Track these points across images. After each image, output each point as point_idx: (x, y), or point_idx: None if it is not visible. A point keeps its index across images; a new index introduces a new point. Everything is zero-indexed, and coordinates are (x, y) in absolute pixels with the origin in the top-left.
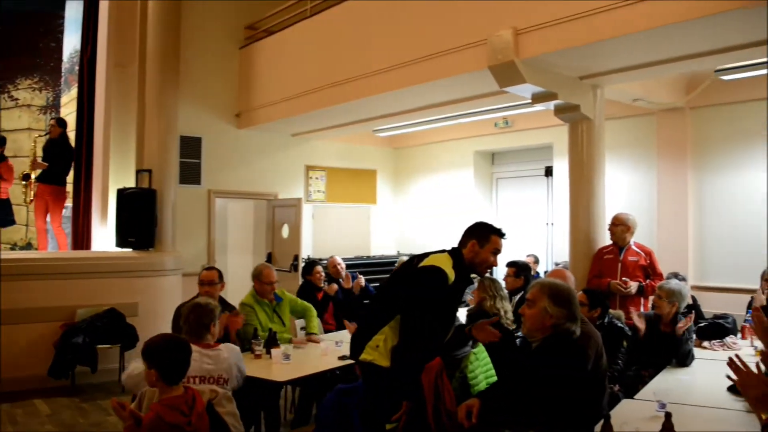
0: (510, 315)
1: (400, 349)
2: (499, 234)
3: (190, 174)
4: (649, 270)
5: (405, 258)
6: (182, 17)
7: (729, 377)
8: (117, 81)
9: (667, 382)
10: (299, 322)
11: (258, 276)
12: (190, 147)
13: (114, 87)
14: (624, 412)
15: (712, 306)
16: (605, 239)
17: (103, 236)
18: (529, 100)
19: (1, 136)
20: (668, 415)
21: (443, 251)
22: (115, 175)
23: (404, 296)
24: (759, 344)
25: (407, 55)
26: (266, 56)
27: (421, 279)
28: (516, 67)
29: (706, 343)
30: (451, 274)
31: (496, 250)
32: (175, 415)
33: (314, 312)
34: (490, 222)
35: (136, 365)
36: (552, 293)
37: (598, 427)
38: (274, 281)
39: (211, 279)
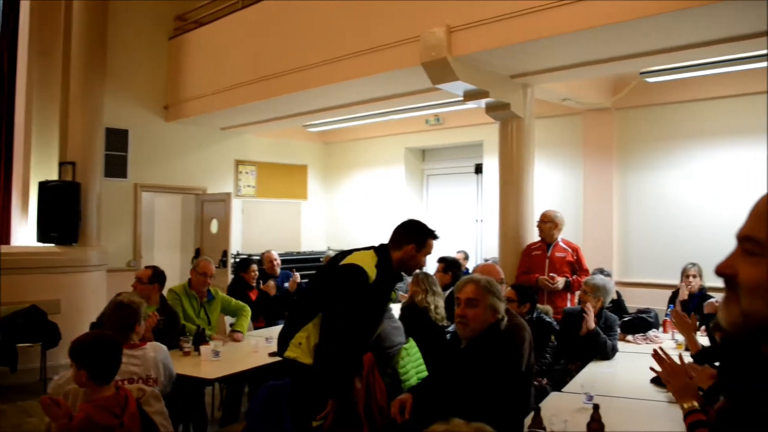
0: (441, 311)
1: (321, 348)
2: (435, 237)
3: (116, 167)
4: (576, 266)
5: (332, 253)
6: (109, 5)
7: (653, 369)
8: (39, 70)
9: (593, 375)
10: (230, 320)
11: (195, 267)
12: (117, 139)
13: (36, 76)
14: (553, 404)
15: (635, 301)
16: (533, 236)
17: (24, 231)
18: (461, 98)
19: None
20: (596, 407)
21: (370, 248)
22: (36, 167)
23: (324, 294)
24: (680, 337)
25: (340, 50)
26: (196, 48)
27: (340, 278)
28: (449, 65)
29: (629, 337)
30: (372, 273)
31: (428, 253)
32: (106, 416)
33: (248, 312)
34: (422, 221)
35: (62, 375)
36: (494, 290)
37: (528, 420)
38: (209, 274)
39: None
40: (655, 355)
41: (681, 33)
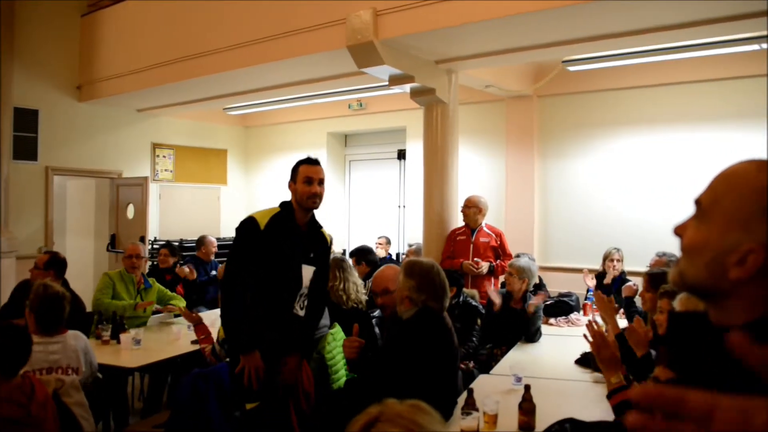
0: (361, 296)
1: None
2: (306, 162)
3: (26, 149)
4: (500, 251)
5: None
6: None
7: (585, 337)
8: None
9: (519, 358)
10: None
11: (125, 251)
12: (26, 120)
13: None
14: (482, 386)
15: (555, 285)
16: (458, 221)
17: None
18: (385, 83)
19: None
20: (527, 387)
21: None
22: None
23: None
24: (600, 320)
25: (262, 31)
26: (111, 25)
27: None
28: (375, 48)
29: (552, 320)
30: (263, 220)
31: (308, 178)
32: (12, 409)
33: (183, 302)
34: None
35: None
36: (407, 266)
37: (461, 401)
38: (135, 254)
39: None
40: (589, 326)
41: (602, 22)
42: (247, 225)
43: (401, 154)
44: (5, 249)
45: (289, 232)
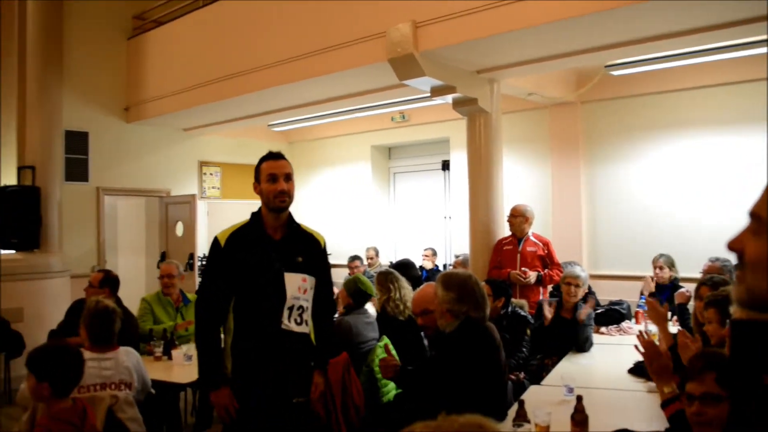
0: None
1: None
2: (267, 157)
3: (77, 170)
4: (547, 260)
5: None
6: (65, 5)
7: (636, 348)
8: None
9: (570, 368)
10: None
11: (159, 271)
12: (77, 142)
13: None
14: (533, 398)
15: (605, 293)
16: (504, 231)
17: None
18: (426, 95)
19: None
20: (579, 398)
21: None
22: None
23: None
24: (653, 328)
25: (304, 47)
26: (156, 48)
27: None
28: (415, 60)
29: (603, 329)
30: (224, 237)
31: (271, 175)
32: (63, 428)
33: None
34: None
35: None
36: (443, 279)
37: (511, 413)
38: (167, 274)
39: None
40: (639, 337)
41: (645, 25)
42: (211, 246)
43: (445, 165)
44: (59, 268)
45: (255, 243)
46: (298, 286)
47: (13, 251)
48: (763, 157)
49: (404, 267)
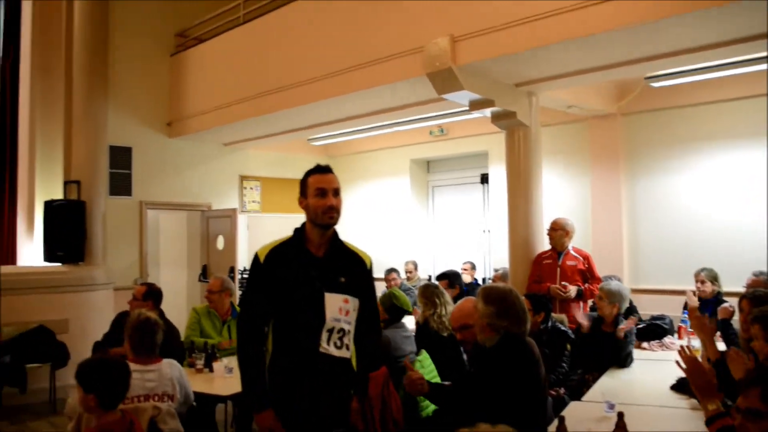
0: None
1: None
2: (315, 171)
3: (121, 185)
4: (587, 274)
5: None
6: (110, 22)
7: (678, 364)
8: (42, 89)
9: (611, 384)
10: None
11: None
12: (120, 157)
13: (38, 94)
14: (574, 414)
15: (646, 308)
16: (543, 244)
17: (30, 250)
18: (465, 108)
19: None
20: (621, 415)
21: None
22: (41, 186)
23: None
24: (696, 344)
25: (343, 62)
26: (197, 64)
27: None
28: (453, 74)
29: (645, 344)
30: (263, 253)
31: (320, 190)
32: None
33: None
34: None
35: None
36: (484, 293)
37: (551, 429)
38: (208, 289)
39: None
40: (681, 352)
41: (685, 36)
42: (252, 262)
43: (484, 179)
44: (103, 281)
45: (295, 260)
46: (339, 307)
47: (60, 264)
48: None
49: (456, 276)
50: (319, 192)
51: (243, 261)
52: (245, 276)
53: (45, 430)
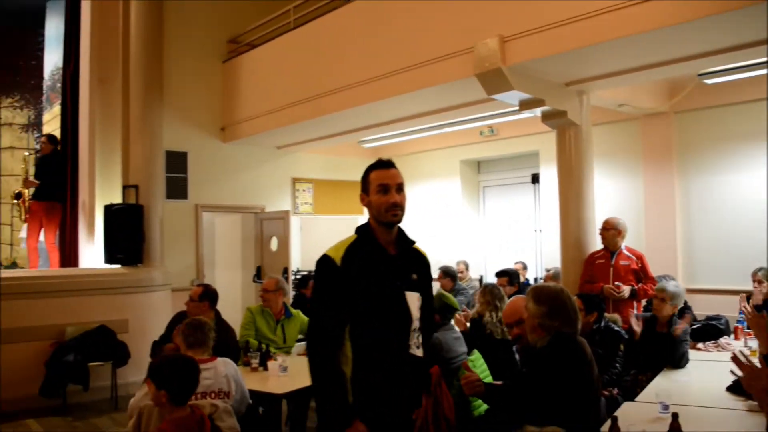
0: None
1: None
2: (377, 166)
3: (177, 188)
4: (641, 274)
5: None
6: (165, 32)
7: (733, 372)
8: (100, 97)
9: (665, 385)
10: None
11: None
12: (176, 161)
13: (98, 103)
14: (627, 414)
15: (701, 308)
16: (596, 244)
17: (91, 253)
18: (514, 108)
19: None
20: (675, 416)
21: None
22: (101, 191)
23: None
24: (753, 344)
25: (392, 64)
26: (249, 69)
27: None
28: (503, 74)
29: (700, 345)
30: (338, 254)
31: (382, 186)
32: None
33: None
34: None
35: (142, 390)
36: (534, 293)
37: (604, 429)
38: (262, 289)
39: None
40: (735, 359)
41: (739, 32)
42: (322, 266)
43: (535, 178)
44: (161, 282)
45: (374, 259)
46: (417, 305)
47: (119, 266)
48: None
49: (514, 275)
50: (381, 188)
51: (296, 262)
52: (298, 277)
53: (107, 426)
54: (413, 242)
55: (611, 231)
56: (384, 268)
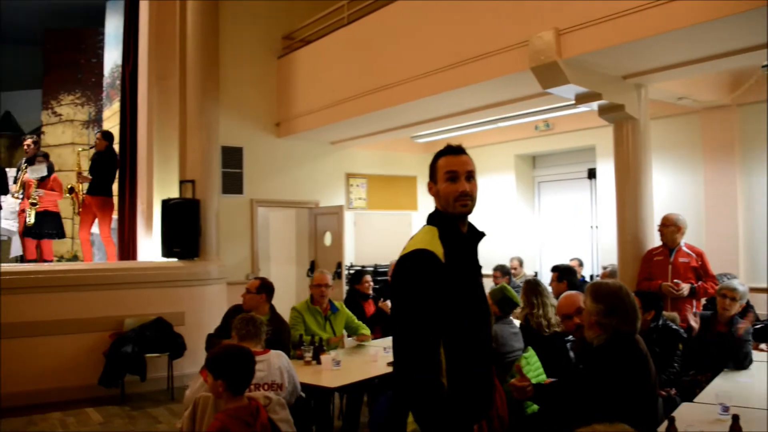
0: (551, 319)
1: (401, 380)
2: (446, 152)
3: (233, 184)
4: (701, 271)
5: None
6: (220, 30)
7: None
8: (158, 94)
9: (726, 385)
10: (350, 341)
11: (312, 280)
12: (232, 157)
13: (156, 99)
14: (685, 415)
15: (763, 307)
16: (654, 241)
17: (149, 246)
18: (569, 102)
19: (45, 152)
20: (735, 418)
21: (424, 226)
22: (159, 186)
23: (392, 309)
24: None
25: (446, 59)
26: (304, 65)
27: (400, 278)
28: (559, 68)
29: (763, 345)
30: (438, 249)
31: (450, 173)
32: (240, 426)
33: (368, 331)
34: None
35: (197, 381)
36: (593, 289)
37: (662, 429)
38: (323, 284)
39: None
40: None
41: None
42: (423, 263)
43: (591, 173)
44: (217, 276)
45: (464, 253)
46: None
47: (176, 259)
48: None
49: (569, 272)
50: (450, 176)
51: (349, 257)
52: (351, 272)
53: (163, 416)
54: (484, 234)
55: (670, 227)
56: (471, 262)
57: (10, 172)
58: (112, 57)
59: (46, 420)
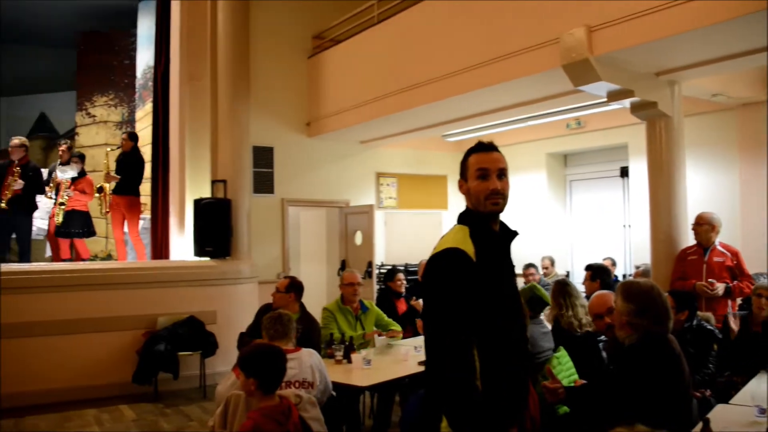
0: (582, 319)
1: (435, 385)
2: (476, 149)
3: (264, 183)
4: (736, 271)
5: None
6: (251, 30)
7: None
8: (190, 94)
9: (762, 387)
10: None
11: (342, 280)
12: (263, 157)
13: (187, 100)
14: (720, 417)
15: None
16: (688, 240)
17: (181, 246)
18: (601, 100)
19: (81, 153)
20: None
21: (455, 225)
22: (191, 185)
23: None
24: None
25: (476, 57)
26: (334, 65)
27: (431, 278)
28: (590, 65)
29: None
30: (470, 248)
31: (481, 171)
32: (272, 425)
33: (399, 329)
34: None
35: (229, 379)
36: (623, 289)
37: (697, 429)
38: (355, 282)
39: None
40: None
41: None
42: (455, 262)
43: (624, 172)
44: (248, 275)
45: (496, 252)
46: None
47: (208, 258)
48: None
49: (602, 271)
50: (481, 173)
51: (380, 256)
52: (382, 271)
53: (196, 414)
54: (516, 233)
55: (705, 226)
56: (505, 261)
57: (45, 173)
58: (144, 58)
59: (81, 416)
